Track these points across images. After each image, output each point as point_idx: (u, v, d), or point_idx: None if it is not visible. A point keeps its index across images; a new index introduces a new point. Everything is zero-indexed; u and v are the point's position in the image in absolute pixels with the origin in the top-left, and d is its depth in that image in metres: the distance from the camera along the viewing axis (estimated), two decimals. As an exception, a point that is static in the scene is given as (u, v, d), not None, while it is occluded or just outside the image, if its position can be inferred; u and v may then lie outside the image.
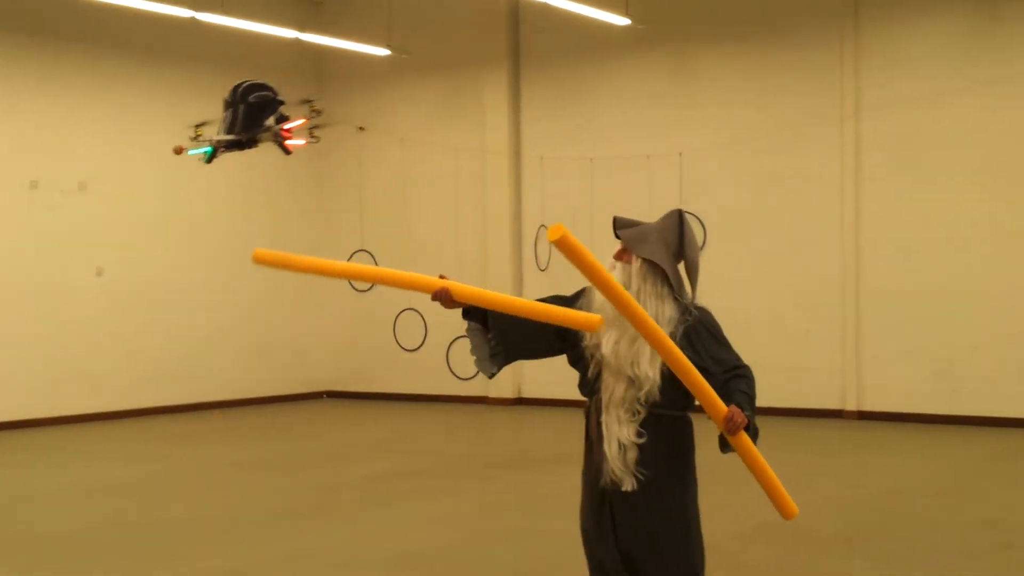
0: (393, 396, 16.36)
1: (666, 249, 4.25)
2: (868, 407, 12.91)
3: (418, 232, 16.13)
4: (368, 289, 15.83)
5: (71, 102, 14.21)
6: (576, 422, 13.68)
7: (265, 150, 16.48)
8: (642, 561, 4.19)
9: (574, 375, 4.66)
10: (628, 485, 4.14)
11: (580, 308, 4.25)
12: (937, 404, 12.51)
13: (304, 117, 6.41)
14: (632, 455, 4.13)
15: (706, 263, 14.46)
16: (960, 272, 12.44)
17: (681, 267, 4.37)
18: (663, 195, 14.10)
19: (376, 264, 15.86)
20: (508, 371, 15.31)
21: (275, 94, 6.07)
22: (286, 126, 6.27)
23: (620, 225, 4.33)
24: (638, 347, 4.09)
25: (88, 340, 14.20)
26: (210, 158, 6.07)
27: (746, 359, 4.39)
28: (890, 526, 7.53)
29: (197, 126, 6.26)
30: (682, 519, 4.23)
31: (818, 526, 7.56)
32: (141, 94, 14.93)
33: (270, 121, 6.15)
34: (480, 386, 15.49)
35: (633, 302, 3.93)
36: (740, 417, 4.01)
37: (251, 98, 6.02)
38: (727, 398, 4.06)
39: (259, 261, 4.25)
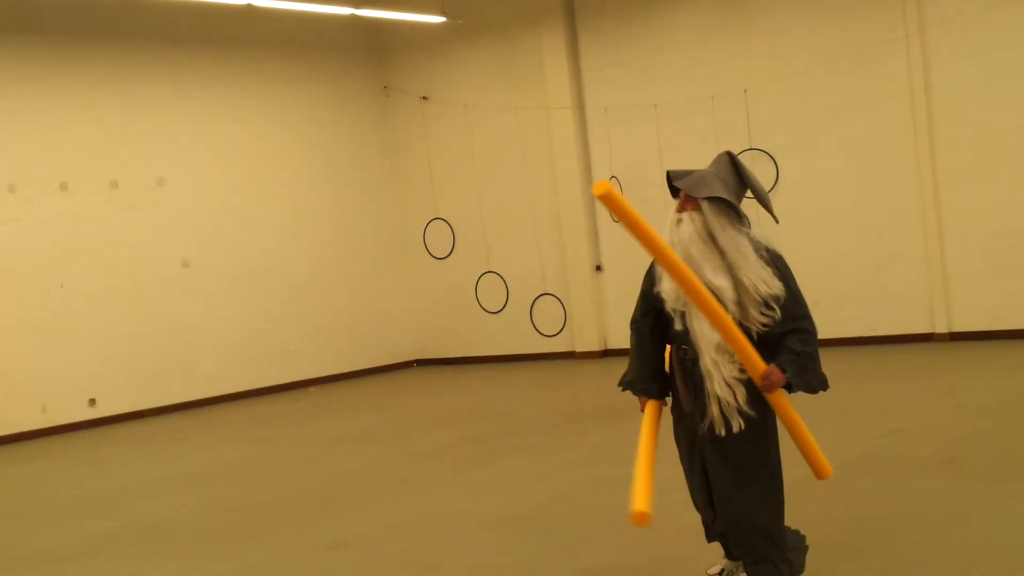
0: (481, 359, 16.52)
1: (725, 187, 4.37)
2: (959, 328, 12.72)
3: (489, 196, 16.19)
4: (447, 256, 16.00)
5: (142, 100, 14.50)
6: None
7: (333, 129, 16.75)
8: (728, 495, 4.45)
9: None
10: (736, 426, 4.34)
11: (655, 274, 4.62)
12: (1030, 318, 12.30)
13: None
14: (741, 392, 4.31)
15: (781, 199, 14.42)
16: (1043, 182, 12.15)
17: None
18: (730, 135, 13.98)
19: (453, 232, 16.03)
20: (593, 324, 15.41)
21: None
22: None
23: (675, 177, 4.48)
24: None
25: (180, 330, 14.58)
26: None
27: (831, 292, 4.45)
28: (989, 444, 7.47)
29: None
30: (764, 452, 4.45)
31: (917, 450, 7.53)
32: (206, 86, 15.18)
33: None
34: (566, 341, 15.58)
35: (671, 255, 4.16)
36: (776, 376, 4.20)
37: None
38: (776, 354, 4.25)
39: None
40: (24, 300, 13.28)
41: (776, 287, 4.27)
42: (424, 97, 16.80)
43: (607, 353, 15.46)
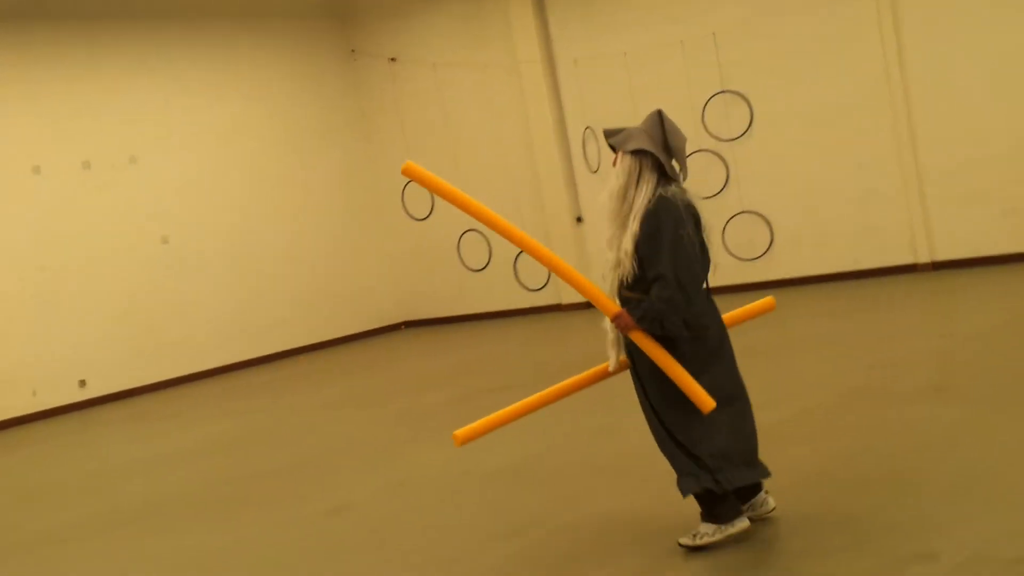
0: (468, 317, 16.54)
1: (652, 141, 4.83)
2: (941, 257, 12.79)
3: (465, 154, 16.14)
4: (426, 217, 15.96)
5: (109, 79, 14.36)
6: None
7: (302, 96, 16.62)
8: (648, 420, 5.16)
9: None
10: (611, 365, 5.13)
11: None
12: (1011, 243, 12.36)
13: None
14: (612, 335, 5.06)
15: (758, 140, 14.39)
16: (1017, 107, 12.17)
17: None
18: (702, 79, 13.96)
19: (431, 194, 15.94)
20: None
21: None
22: None
23: (608, 135, 4.97)
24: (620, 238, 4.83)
25: (166, 306, 14.56)
26: None
27: (812, 229, 4.60)
28: (978, 371, 7.54)
29: None
30: (661, 382, 4.92)
31: (906, 380, 7.60)
32: (171, 60, 15.04)
33: None
34: (552, 295, 15.60)
35: (491, 215, 5.07)
36: (624, 319, 4.82)
37: None
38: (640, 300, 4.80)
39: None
40: (5, 286, 13.21)
41: (627, 245, 4.78)
42: (392, 59, 16.69)
43: (592, 304, 15.47)
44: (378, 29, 16.83)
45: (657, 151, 4.82)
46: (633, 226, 4.76)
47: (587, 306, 15.42)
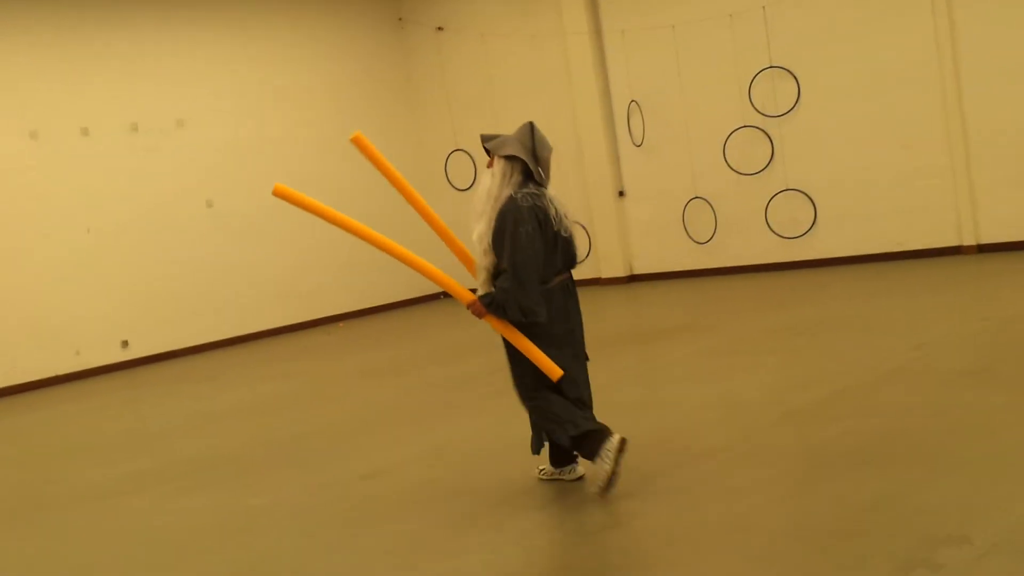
0: (506, 289, 16.53)
1: (523, 149, 5.53)
2: (986, 239, 12.63)
3: (508, 125, 15.98)
4: (468, 188, 15.99)
5: (158, 43, 14.47)
6: (688, 292, 13.79)
7: (349, 63, 16.66)
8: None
9: (680, 248, 4.91)
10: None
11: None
12: (1058, 228, 12.21)
13: None
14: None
15: (804, 116, 14.23)
16: (1070, 89, 11.97)
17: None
18: (750, 53, 13.84)
19: (474, 162, 16.02)
20: (618, 250, 15.39)
21: None
22: None
23: (485, 140, 5.66)
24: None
25: (209, 269, 14.70)
26: None
27: (857, 208, 4.61)
28: (1019, 355, 7.46)
29: None
30: (515, 354, 5.72)
31: (947, 362, 7.55)
32: (220, 25, 15.14)
33: None
34: (591, 268, 15.59)
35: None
36: (476, 307, 5.55)
37: None
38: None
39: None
40: (53, 246, 13.40)
41: (484, 241, 5.54)
42: (439, 28, 16.68)
43: (633, 279, 15.47)
44: (425, -3, 16.83)
45: (527, 158, 5.53)
46: (493, 224, 5.48)
47: (628, 280, 15.41)
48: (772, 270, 14.06)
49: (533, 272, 5.45)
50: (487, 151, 5.62)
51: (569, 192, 15.52)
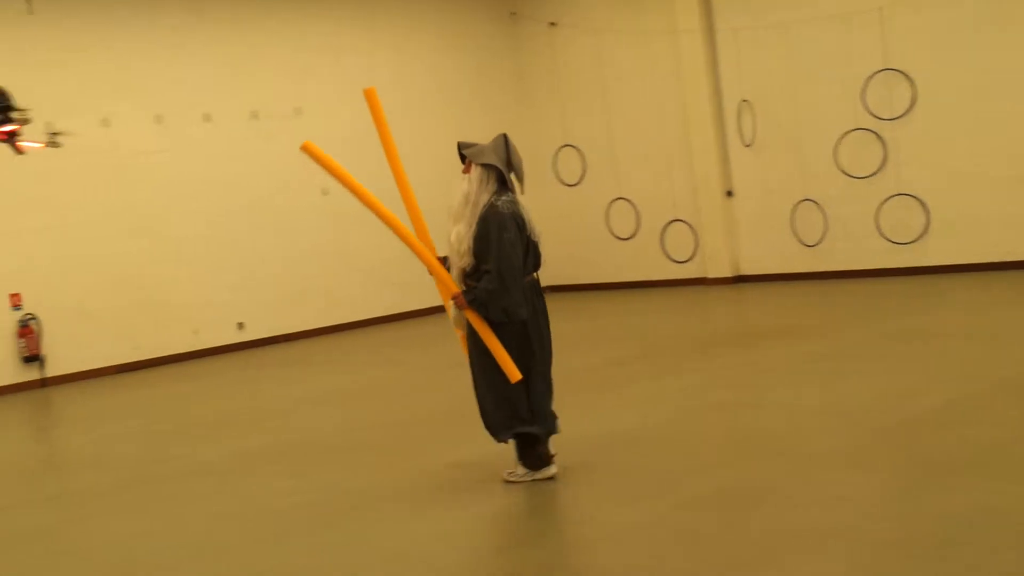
0: (611, 286, 16.64)
1: (499, 159, 6.03)
2: (1106, 252, 12.32)
3: (619, 122, 16.18)
4: (577, 183, 16.12)
5: (277, 33, 14.88)
6: (795, 295, 13.66)
7: (461, 57, 16.86)
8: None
9: (788, 250, 4.89)
10: (458, 331, 6.23)
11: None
12: None
13: (17, 124, 7.00)
14: (453, 313, 6.12)
15: (918, 121, 13.98)
16: None
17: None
18: (864, 55, 13.67)
19: (583, 158, 16.13)
20: (724, 250, 15.35)
21: (6, 102, 6.70)
22: (6, 128, 6.89)
23: (463, 147, 6.19)
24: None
25: (321, 256, 15.07)
26: None
27: (971, 215, 4.58)
28: None
29: None
30: (480, 365, 6.14)
31: (1057, 376, 7.43)
32: (338, 16, 15.50)
33: None
34: (697, 267, 15.58)
35: (369, 195, 6.46)
36: (460, 301, 5.96)
37: None
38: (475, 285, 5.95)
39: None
40: (174, 229, 13.87)
41: (467, 242, 5.95)
42: (552, 23, 16.79)
43: (740, 279, 15.41)
44: (540, -7, 16.95)
45: (502, 167, 6.01)
46: (473, 227, 5.92)
47: (734, 281, 15.36)
48: (882, 275, 13.89)
49: (517, 275, 5.95)
50: (463, 158, 6.15)
51: (677, 191, 15.55)
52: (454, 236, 5.99)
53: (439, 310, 16.02)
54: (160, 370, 13.28)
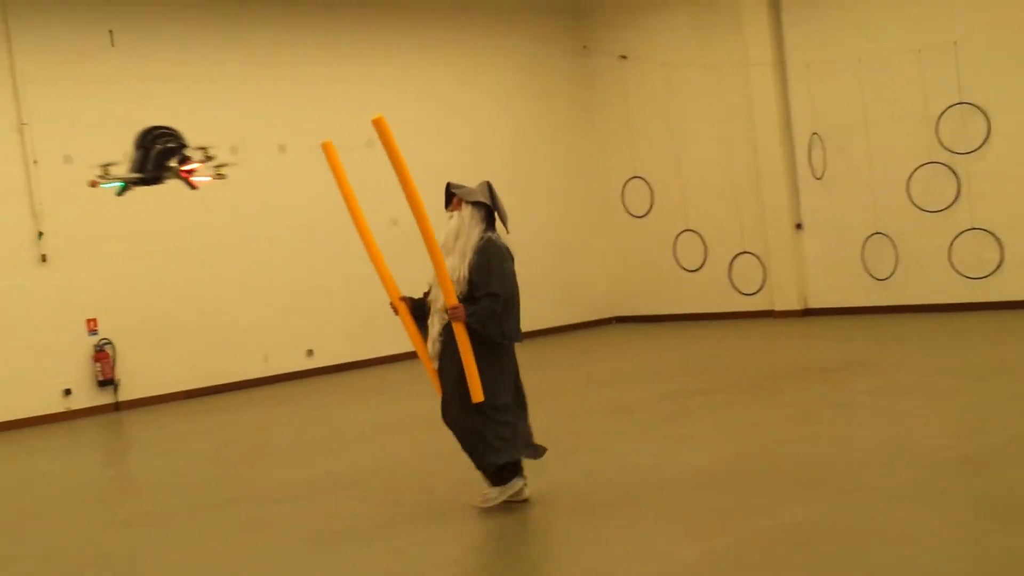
0: (678, 317, 16.60)
1: (485, 198, 6.59)
2: None
3: (687, 154, 16.20)
4: (645, 215, 16.15)
5: (348, 63, 15.16)
6: (864, 329, 13.54)
7: (533, 88, 17.03)
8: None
9: (858, 283, 4.83)
10: (435, 364, 6.65)
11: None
12: None
13: (200, 161, 7.47)
14: (437, 346, 6.59)
15: (993, 155, 13.79)
16: None
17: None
18: (939, 89, 13.57)
19: (651, 190, 16.16)
20: (793, 283, 15.25)
21: (180, 141, 7.19)
22: (186, 167, 7.35)
23: (453, 187, 6.73)
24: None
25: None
26: (122, 191, 7.26)
27: None
28: None
29: (104, 166, 7.35)
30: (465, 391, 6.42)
31: None
32: (409, 46, 15.75)
33: (173, 163, 7.25)
34: (765, 300, 15.50)
35: (419, 199, 6.49)
36: (459, 312, 6.29)
37: (158, 144, 7.14)
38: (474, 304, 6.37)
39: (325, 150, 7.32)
40: (247, 254, 14.14)
41: (463, 272, 6.42)
42: (623, 56, 16.88)
43: (808, 312, 15.30)
44: (610, 26, 17.06)
45: (491, 203, 6.55)
46: (469, 258, 6.39)
47: (802, 314, 15.25)
48: (954, 310, 13.71)
49: (517, 300, 6.50)
50: (451, 196, 6.74)
51: (745, 223, 15.51)
52: (447, 267, 6.39)
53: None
54: (230, 396, 13.51)
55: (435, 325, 6.60)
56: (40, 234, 12.84)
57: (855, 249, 14.58)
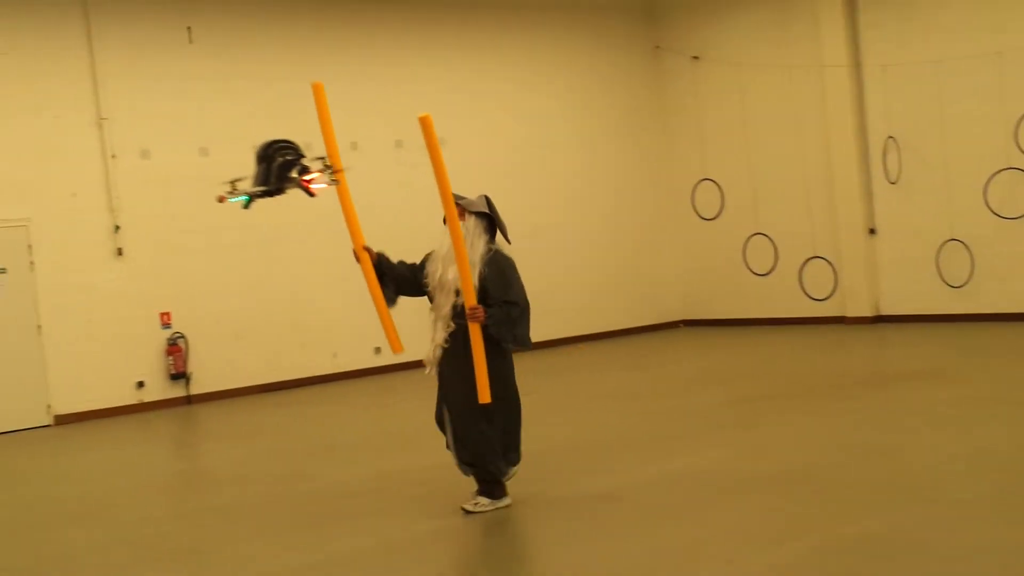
0: (747, 321, 16.45)
1: (487, 209, 6.84)
2: None
3: (759, 156, 16.04)
4: (715, 217, 16.02)
5: (424, 63, 15.22)
6: (939, 337, 13.37)
7: (604, 89, 16.98)
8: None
9: (932, 290, 4.73)
10: (431, 370, 7.01)
11: (425, 268, 7.03)
12: None
13: (319, 170, 7.90)
14: (438, 352, 6.89)
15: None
16: None
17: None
18: (1018, 94, 13.30)
19: (722, 193, 16.04)
20: (865, 289, 15.04)
21: (299, 152, 7.65)
22: (306, 178, 7.82)
23: (459, 198, 6.80)
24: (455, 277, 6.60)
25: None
26: (247, 204, 7.65)
27: None
28: None
29: (232, 182, 7.71)
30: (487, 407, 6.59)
31: None
32: (482, 46, 15.79)
33: (294, 174, 7.71)
34: (836, 306, 15.30)
35: (452, 199, 6.53)
36: (479, 313, 6.45)
37: (279, 157, 7.57)
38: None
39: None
40: (318, 254, 14.25)
41: (474, 280, 6.52)
42: (695, 57, 16.76)
43: (880, 319, 15.07)
44: (683, 26, 16.95)
45: (494, 215, 6.80)
46: (479, 268, 6.60)
47: (874, 321, 15.02)
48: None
49: (529, 309, 6.74)
50: (460, 208, 6.79)
51: (817, 227, 15.32)
52: (451, 275, 6.64)
53: (568, 341, 16.09)
54: (299, 391, 13.63)
55: (439, 332, 6.84)
56: (117, 228, 13.06)
57: (930, 255, 14.34)
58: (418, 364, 14.42)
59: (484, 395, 6.40)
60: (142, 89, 13.23)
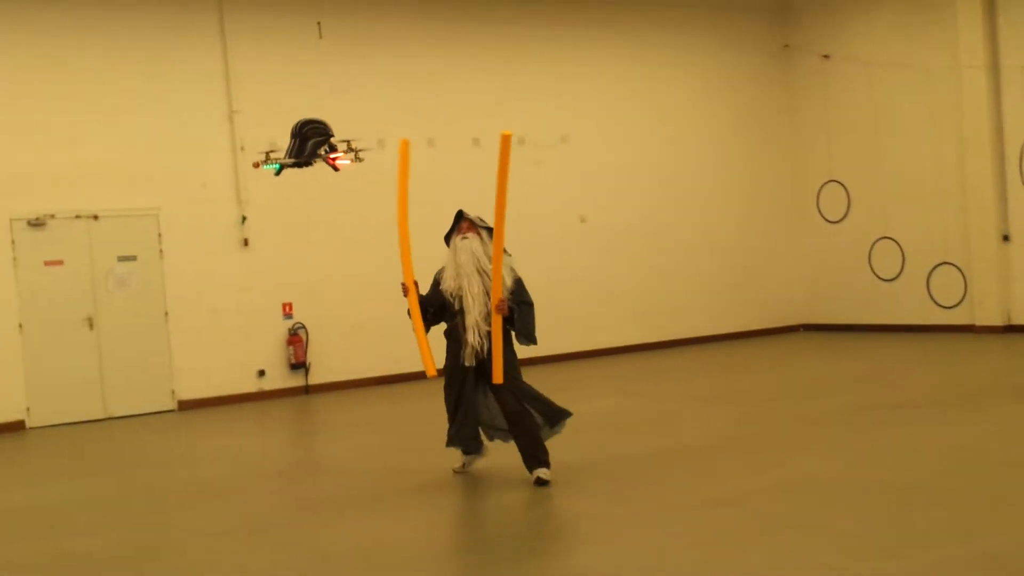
0: (871, 327, 16.05)
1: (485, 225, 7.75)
2: None
3: (889, 158, 15.63)
4: (840, 220, 15.67)
5: (546, 60, 15.24)
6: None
7: (731, 88, 16.78)
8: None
9: None
10: (470, 360, 7.59)
11: (440, 286, 7.79)
12: None
13: (344, 151, 8.61)
14: (486, 344, 7.50)
15: None
16: None
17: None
18: None
19: (848, 195, 15.67)
20: (996, 297, 14.52)
21: (327, 130, 8.29)
22: (332, 155, 8.45)
23: (465, 215, 7.82)
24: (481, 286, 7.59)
25: (575, 284, 15.25)
26: (278, 172, 8.49)
27: None
28: None
29: (267, 153, 8.66)
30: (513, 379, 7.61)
31: None
32: (605, 43, 15.75)
33: (321, 151, 9.01)
34: (965, 314, 14.83)
35: (504, 216, 7.39)
36: (504, 305, 7.36)
37: (307, 132, 8.91)
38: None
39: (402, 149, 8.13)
40: (435, 253, 14.30)
41: (507, 283, 7.52)
42: (825, 55, 16.41)
43: (1011, 329, 14.54)
44: (813, 25, 16.62)
45: (494, 228, 7.47)
46: (510, 275, 7.57)
47: (1004, 330, 14.51)
48: None
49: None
50: (458, 221, 7.81)
51: (947, 232, 14.87)
52: (477, 287, 7.50)
53: (681, 343, 15.91)
54: (416, 384, 13.74)
55: (471, 333, 7.49)
56: (243, 219, 13.37)
57: (1068, 264, 13.79)
58: (522, 363, 14.35)
59: (498, 375, 7.28)
60: (271, 82, 13.52)
